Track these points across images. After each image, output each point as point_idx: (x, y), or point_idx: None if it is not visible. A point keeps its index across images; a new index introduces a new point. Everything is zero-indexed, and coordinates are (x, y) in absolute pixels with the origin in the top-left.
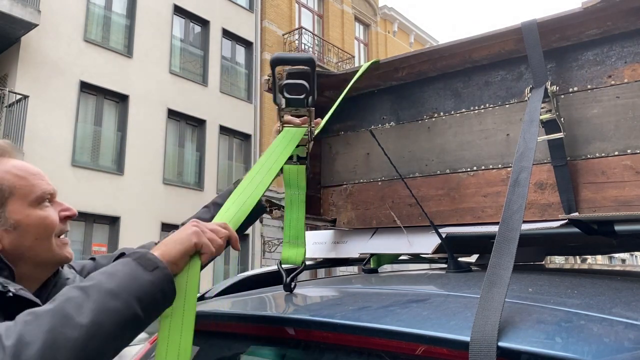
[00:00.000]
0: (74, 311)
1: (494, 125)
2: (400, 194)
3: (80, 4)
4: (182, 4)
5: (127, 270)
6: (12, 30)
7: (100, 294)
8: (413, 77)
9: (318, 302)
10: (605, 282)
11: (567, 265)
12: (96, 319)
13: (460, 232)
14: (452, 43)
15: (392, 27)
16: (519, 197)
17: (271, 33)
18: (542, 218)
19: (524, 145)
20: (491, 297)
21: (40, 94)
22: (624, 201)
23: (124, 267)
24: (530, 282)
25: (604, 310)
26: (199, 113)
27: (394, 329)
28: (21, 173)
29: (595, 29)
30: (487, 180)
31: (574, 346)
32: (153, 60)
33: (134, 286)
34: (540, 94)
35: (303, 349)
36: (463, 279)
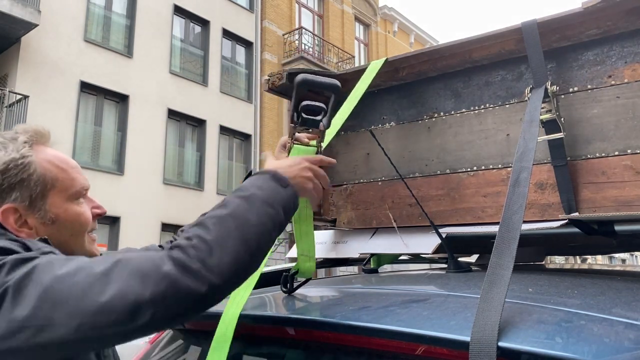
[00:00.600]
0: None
1: (494, 125)
2: (401, 194)
3: (81, 4)
4: (182, 4)
5: (271, 185)
6: (12, 30)
7: (259, 202)
8: (413, 77)
9: (318, 302)
10: (605, 282)
11: (567, 265)
12: (260, 220)
13: (460, 232)
14: (452, 43)
15: (392, 27)
16: (519, 197)
17: (271, 33)
18: (542, 218)
19: (524, 145)
20: (491, 297)
21: (40, 94)
22: (624, 201)
23: (265, 182)
24: (531, 282)
25: (604, 310)
26: (199, 113)
27: (394, 329)
28: (63, 165)
29: (595, 29)
30: (487, 180)
31: (574, 346)
32: (153, 60)
33: (278, 198)
34: (540, 94)
35: (303, 349)
36: (463, 279)
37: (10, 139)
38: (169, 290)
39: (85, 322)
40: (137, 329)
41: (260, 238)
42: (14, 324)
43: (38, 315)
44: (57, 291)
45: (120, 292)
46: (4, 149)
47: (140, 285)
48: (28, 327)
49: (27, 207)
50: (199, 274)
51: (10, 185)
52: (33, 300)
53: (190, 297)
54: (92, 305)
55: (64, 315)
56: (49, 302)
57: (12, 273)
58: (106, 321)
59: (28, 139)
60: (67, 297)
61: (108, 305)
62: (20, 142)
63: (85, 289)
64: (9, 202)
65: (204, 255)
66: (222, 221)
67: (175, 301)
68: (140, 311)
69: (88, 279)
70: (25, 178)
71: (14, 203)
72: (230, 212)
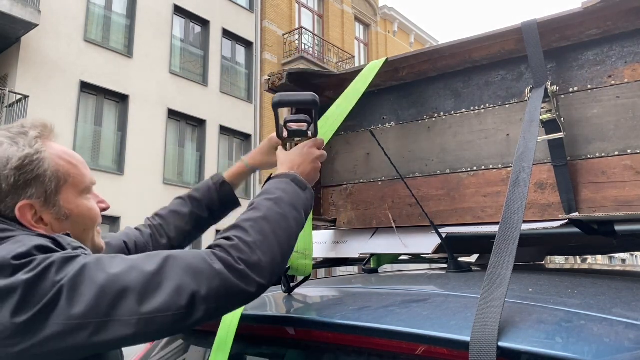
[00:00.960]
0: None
1: (494, 125)
2: (401, 194)
3: (81, 4)
4: (182, 4)
5: (294, 189)
6: (12, 30)
7: (286, 205)
8: (413, 77)
9: (318, 302)
10: (605, 282)
11: (567, 265)
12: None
13: (460, 232)
14: (452, 43)
15: (392, 27)
16: (519, 197)
17: (271, 33)
18: (542, 218)
19: (524, 145)
20: (491, 297)
21: (40, 94)
22: (624, 201)
23: (287, 186)
24: (531, 282)
25: (604, 310)
26: (199, 113)
27: (394, 329)
28: (73, 160)
29: (595, 29)
30: (487, 180)
31: (574, 346)
32: (153, 60)
33: (300, 201)
34: (540, 94)
35: (303, 349)
36: (463, 279)
37: (18, 134)
38: (221, 287)
39: (145, 318)
40: (192, 323)
41: (290, 239)
42: (73, 322)
43: (96, 312)
44: (113, 289)
45: (178, 288)
46: (15, 144)
47: (194, 281)
48: (87, 324)
49: (43, 203)
50: (244, 273)
51: (26, 181)
52: (90, 298)
53: (239, 294)
54: (151, 301)
55: (122, 312)
56: (106, 300)
57: (62, 272)
58: (164, 316)
59: (39, 134)
60: (124, 294)
61: (166, 301)
62: (32, 138)
63: (142, 287)
64: (25, 199)
65: (246, 256)
66: (258, 224)
67: (226, 297)
68: (196, 306)
69: (142, 276)
70: (40, 174)
71: (30, 199)
72: (264, 216)
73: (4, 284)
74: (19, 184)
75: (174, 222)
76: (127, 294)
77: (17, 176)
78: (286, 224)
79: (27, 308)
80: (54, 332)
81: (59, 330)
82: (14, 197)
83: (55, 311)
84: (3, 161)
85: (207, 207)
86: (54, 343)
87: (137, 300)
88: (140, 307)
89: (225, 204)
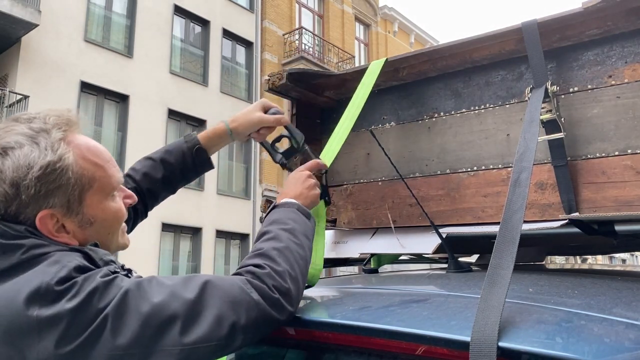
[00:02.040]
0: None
1: (494, 125)
2: (401, 194)
3: (81, 4)
4: (182, 4)
5: (301, 219)
6: (12, 31)
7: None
8: (413, 77)
9: (318, 302)
10: (605, 282)
11: (568, 265)
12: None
13: (460, 232)
14: (452, 43)
15: (393, 27)
16: (519, 197)
17: (271, 33)
18: (542, 218)
19: (524, 146)
20: (492, 297)
21: (40, 94)
22: (625, 201)
23: (296, 216)
24: (531, 282)
25: (604, 310)
26: (199, 113)
27: (394, 329)
28: (99, 161)
29: (595, 29)
30: (487, 181)
31: (575, 346)
32: (153, 60)
33: (308, 230)
34: (540, 94)
35: (303, 349)
36: (463, 279)
37: (40, 130)
38: (259, 317)
39: (187, 349)
40: (229, 351)
41: (307, 267)
42: (116, 353)
43: (140, 343)
44: (157, 319)
45: (218, 319)
46: (37, 146)
47: (234, 311)
48: (131, 355)
49: (65, 212)
50: (278, 302)
51: (47, 191)
52: (134, 329)
53: (273, 323)
54: (193, 332)
55: (166, 343)
56: (150, 331)
57: (105, 299)
58: (206, 347)
59: (63, 135)
60: (167, 325)
61: (208, 332)
62: (55, 139)
63: (185, 317)
64: (46, 208)
65: (279, 284)
66: (283, 254)
67: (263, 326)
68: (235, 336)
69: (184, 305)
70: (63, 183)
71: (51, 209)
72: (286, 246)
73: (49, 313)
74: (40, 194)
75: (146, 186)
76: (171, 324)
77: (38, 186)
78: (304, 253)
79: (72, 338)
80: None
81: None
82: (34, 207)
83: (100, 341)
84: (23, 170)
85: (181, 172)
86: None
87: (180, 331)
88: (183, 338)
89: (199, 169)
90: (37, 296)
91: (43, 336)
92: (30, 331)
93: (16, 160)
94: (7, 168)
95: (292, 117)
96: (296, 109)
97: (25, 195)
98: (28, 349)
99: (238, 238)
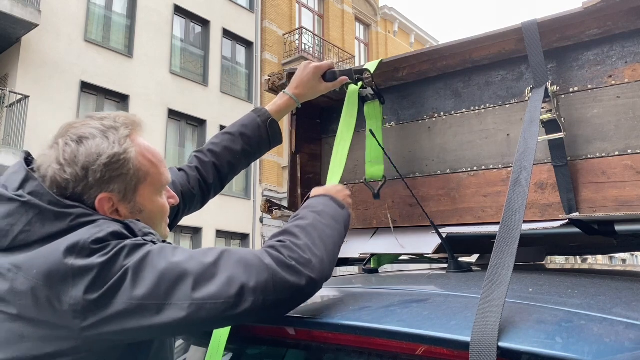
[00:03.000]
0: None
1: (494, 125)
2: (401, 194)
3: (81, 4)
4: (182, 4)
5: (334, 205)
6: (12, 31)
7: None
8: (413, 77)
9: (318, 302)
10: (605, 282)
11: (568, 265)
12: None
13: (460, 232)
14: (452, 43)
15: (393, 27)
16: (519, 197)
17: (271, 33)
18: (542, 218)
19: (524, 145)
20: (492, 298)
21: (40, 94)
22: (625, 201)
23: (328, 202)
24: (531, 282)
25: (604, 310)
26: (200, 113)
27: (394, 329)
28: (154, 160)
29: (595, 28)
30: (487, 180)
31: (575, 346)
32: (153, 60)
33: (339, 216)
34: (540, 94)
35: (303, 349)
36: (463, 279)
37: (110, 127)
38: (269, 280)
39: (196, 304)
40: (239, 313)
41: (334, 247)
42: (134, 302)
43: (156, 295)
44: (172, 275)
45: (229, 279)
46: (106, 139)
47: (245, 273)
48: (147, 306)
49: (121, 198)
50: (295, 268)
51: (110, 177)
52: (151, 282)
53: (289, 288)
54: (204, 289)
55: (178, 297)
56: (165, 284)
57: (130, 257)
58: (214, 304)
59: (129, 132)
60: (180, 280)
61: (217, 290)
62: (123, 136)
63: (198, 275)
64: (106, 192)
65: (297, 255)
66: (306, 230)
67: (274, 291)
68: (244, 296)
69: (200, 266)
70: (124, 172)
71: (110, 193)
72: (311, 223)
73: (82, 264)
74: (105, 179)
75: (226, 159)
76: (184, 280)
77: (103, 172)
78: (331, 232)
79: (98, 287)
80: (118, 311)
81: (122, 309)
82: (97, 189)
83: (120, 292)
84: (94, 156)
85: (257, 144)
86: (117, 322)
87: (192, 287)
88: (194, 293)
89: (272, 141)
90: (74, 249)
91: (76, 283)
92: (66, 277)
93: (89, 148)
94: (80, 154)
95: (292, 117)
96: (296, 109)
97: (92, 178)
98: (64, 294)
99: (238, 238)
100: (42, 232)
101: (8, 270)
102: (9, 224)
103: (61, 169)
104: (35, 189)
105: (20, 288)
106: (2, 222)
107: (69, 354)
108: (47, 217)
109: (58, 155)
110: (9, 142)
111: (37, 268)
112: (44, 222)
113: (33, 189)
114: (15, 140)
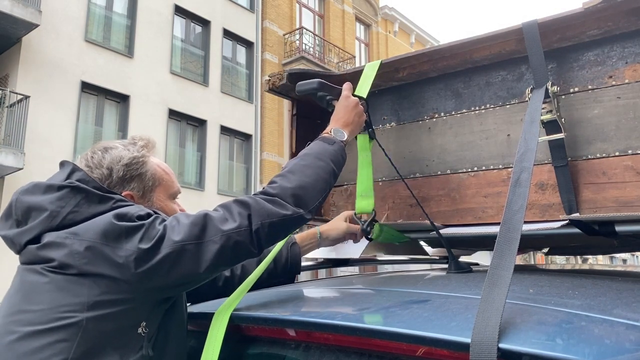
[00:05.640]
0: (302, 168)
1: (494, 126)
2: (401, 194)
3: (81, 4)
4: (182, 4)
5: (320, 144)
6: (13, 31)
7: (310, 157)
8: (414, 77)
9: (319, 303)
10: (606, 283)
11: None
12: (315, 171)
13: (461, 233)
14: (453, 43)
15: (393, 27)
16: (520, 197)
17: (272, 33)
18: (543, 218)
19: (524, 146)
20: (492, 298)
21: (41, 94)
22: (625, 202)
23: (314, 145)
24: (531, 282)
25: (605, 311)
26: (200, 113)
27: (394, 331)
28: (167, 170)
29: (596, 29)
30: (488, 181)
31: (575, 347)
32: (154, 60)
33: (325, 153)
34: (541, 94)
35: (303, 350)
36: (464, 280)
37: (129, 143)
38: (262, 209)
39: (226, 235)
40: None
41: (315, 182)
42: (177, 245)
43: (192, 236)
44: (199, 221)
45: (240, 215)
46: (128, 150)
47: (246, 209)
48: (187, 247)
49: (140, 196)
50: (276, 200)
51: (131, 176)
52: (186, 228)
53: (276, 215)
54: (226, 224)
55: (209, 234)
56: (197, 228)
57: (165, 220)
58: (238, 232)
59: (144, 145)
60: (208, 223)
61: (237, 223)
62: (140, 146)
63: (219, 217)
64: (128, 190)
65: (276, 192)
66: (285, 176)
67: (267, 218)
68: (252, 223)
69: (216, 213)
70: (142, 173)
71: (131, 191)
72: (290, 169)
73: (132, 224)
74: (126, 177)
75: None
76: (209, 222)
77: (124, 171)
78: (312, 172)
79: (148, 239)
80: (166, 254)
81: (169, 252)
82: (120, 187)
83: (165, 240)
84: (116, 159)
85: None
86: (165, 266)
87: (220, 223)
88: (222, 227)
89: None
90: (124, 217)
91: (129, 238)
92: (120, 235)
93: (113, 155)
94: (105, 159)
95: (292, 117)
96: (296, 109)
97: (115, 176)
98: (119, 248)
99: None
100: (89, 211)
101: (65, 237)
102: (59, 206)
103: (90, 170)
104: (82, 177)
105: (79, 249)
106: (53, 205)
107: (123, 302)
108: (92, 200)
109: (87, 161)
110: (9, 142)
111: (93, 230)
112: (90, 204)
113: (80, 177)
114: (16, 140)
